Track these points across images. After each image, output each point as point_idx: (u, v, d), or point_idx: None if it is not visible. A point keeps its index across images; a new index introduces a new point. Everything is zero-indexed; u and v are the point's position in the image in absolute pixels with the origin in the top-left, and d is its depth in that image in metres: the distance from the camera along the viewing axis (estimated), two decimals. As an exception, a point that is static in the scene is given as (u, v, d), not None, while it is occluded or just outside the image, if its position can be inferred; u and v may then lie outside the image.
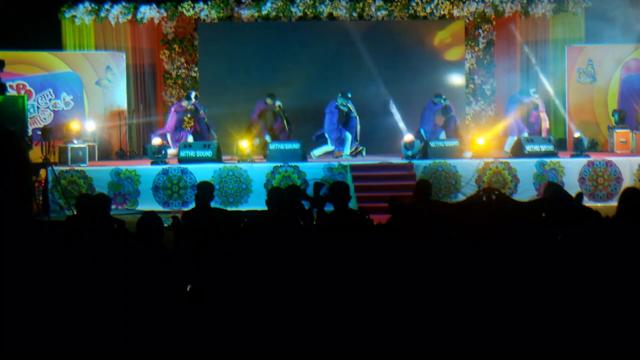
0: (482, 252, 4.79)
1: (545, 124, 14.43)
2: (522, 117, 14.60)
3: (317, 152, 14.02)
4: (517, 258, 4.70)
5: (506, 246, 4.93)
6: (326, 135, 14.03)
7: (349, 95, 13.97)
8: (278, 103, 14.38)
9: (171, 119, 14.52)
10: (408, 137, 13.47)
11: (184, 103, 14.52)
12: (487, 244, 4.89)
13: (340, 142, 14.04)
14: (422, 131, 14.14)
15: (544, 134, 14.13)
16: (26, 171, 10.67)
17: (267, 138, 14.25)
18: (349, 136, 13.99)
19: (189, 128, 15.19)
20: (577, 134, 13.55)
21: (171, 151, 13.94)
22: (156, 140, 13.20)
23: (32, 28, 14.54)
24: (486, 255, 4.74)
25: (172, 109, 14.60)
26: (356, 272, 4.61)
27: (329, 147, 14.06)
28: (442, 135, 14.31)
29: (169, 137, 14.45)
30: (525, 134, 14.03)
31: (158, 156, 12.84)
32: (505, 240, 5.04)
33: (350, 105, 14.06)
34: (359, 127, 14.20)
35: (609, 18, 14.45)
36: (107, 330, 4.25)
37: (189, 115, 14.86)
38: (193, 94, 14.53)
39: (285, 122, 14.31)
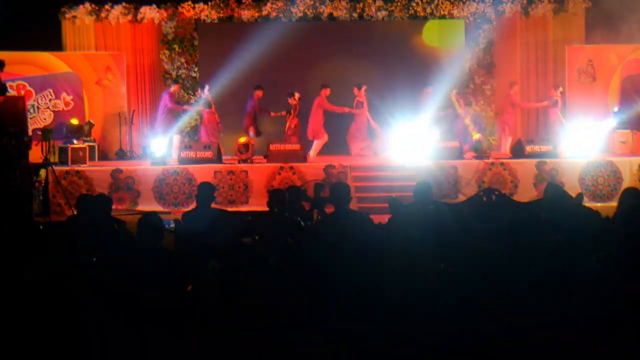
0: (482, 252, 4.79)
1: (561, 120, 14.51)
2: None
3: (312, 152, 14.08)
4: (517, 258, 4.70)
5: (506, 247, 4.93)
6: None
7: (363, 87, 14.17)
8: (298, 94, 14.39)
9: (162, 110, 14.48)
10: (409, 137, 13.46)
11: (173, 88, 14.57)
12: (487, 244, 4.89)
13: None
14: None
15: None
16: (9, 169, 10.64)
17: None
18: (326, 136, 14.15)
19: (188, 129, 15.23)
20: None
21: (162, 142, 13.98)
22: (157, 145, 13.17)
23: (32, 28, 14.53)
24: (486, 256, 4.74)
25: (164, 98, 14.50)
26: (356, 272, 4.61)
27: (322, 141, 14.20)
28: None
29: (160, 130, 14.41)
30: None
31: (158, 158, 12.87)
32: (505, 240, 5.04)
33: (364, 101, 14.21)
34: (369, 123, 14.31)
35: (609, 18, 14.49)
36: (107, 330, 4.25)
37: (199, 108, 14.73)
38: (207, 88, 14.47)
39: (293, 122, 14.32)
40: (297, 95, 14.27)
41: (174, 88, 14.77)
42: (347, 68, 15.30)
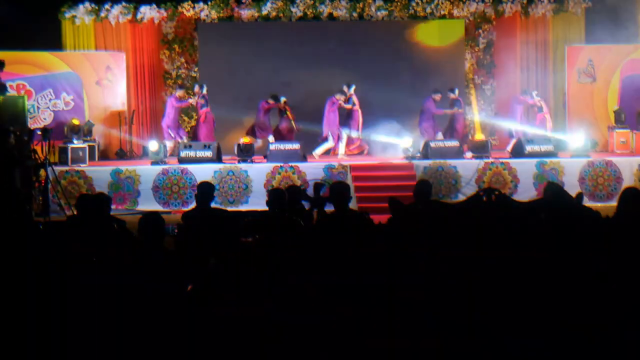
0: (482, 252, 4.79)
1: (550, 125, 14.48)
2: (527, 119, 14.69)
3: (319, 150, 14.06)
4: (516, 258, 4.70)
5: (506, 247, 4.94)
6: (328, 132, 14.11)
7: (353, 87, 14.09)
8: (283, 99, 14.34)
9: (170, 111, 14.46)
10: (408, 137, 13.48)
11: (179, 93, 14.49)
12: (487, 244, 4.90)
13: (338, 139, 14.13)
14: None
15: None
16: (11, 166, 10.67)
17: (270, 138, 14.16)
18: (345, 135, 14.10)
19: (188, 129, 15.24)
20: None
21: (170, 144, 14.04)
22: (153, 146, 13.20)
23: (32, 28, 14.52)
24: (486, 255, 4.74)
25: (170, 101, 14.51)
26: (356, 272, 4.61)
27: (329, 144, 14.12)
28: (439, 135, 14.36)
29: (171, 132, 14.44)
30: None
31: (157, 157, 12.92)
32: (505, 240, 5.05)
33: (355, 99, 14.17)
34: (361, 121, 14.27)
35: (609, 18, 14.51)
36: (107, 330, 4.25)
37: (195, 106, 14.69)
38: (205, 88, 14.44)
39: (291, 121, 14.29)
40: (283, 100, 14.27)
41: (180, 93, 14.65)
42: (346, 68, 15.30)
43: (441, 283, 4.51)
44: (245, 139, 13.35)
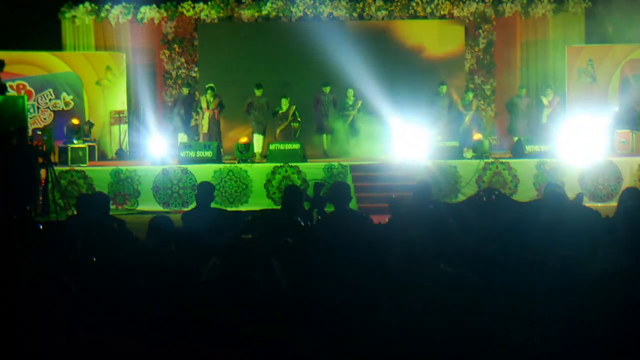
0: (482, 252, 4.79)
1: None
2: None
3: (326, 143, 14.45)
4: (516, 259, 4.70)
5: (506, 247, 4.93)
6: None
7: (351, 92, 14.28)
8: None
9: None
10: (409, 136, 13.49)
11: (185, 91, 14.64)
12: (487, 244, 4.89)
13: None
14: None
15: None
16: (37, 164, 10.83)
17: None
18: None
19: (194, 122, 15.33)
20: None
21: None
22: (161, 142, 13.27)
23: (32, 28, 14.55)
24: (486, 255, 4.74)
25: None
26: (356, 272, 4.61)
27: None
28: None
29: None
30: None
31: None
32: (505, 240, 5.04)
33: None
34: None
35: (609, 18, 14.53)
36: (107, 331, 4.25)
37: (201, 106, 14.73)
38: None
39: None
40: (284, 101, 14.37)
41: (185, 90, 14.87)
42: (346, 67, 15.30)
43: (440, 282, 4.51)
44: (242, 139, 13.28)
